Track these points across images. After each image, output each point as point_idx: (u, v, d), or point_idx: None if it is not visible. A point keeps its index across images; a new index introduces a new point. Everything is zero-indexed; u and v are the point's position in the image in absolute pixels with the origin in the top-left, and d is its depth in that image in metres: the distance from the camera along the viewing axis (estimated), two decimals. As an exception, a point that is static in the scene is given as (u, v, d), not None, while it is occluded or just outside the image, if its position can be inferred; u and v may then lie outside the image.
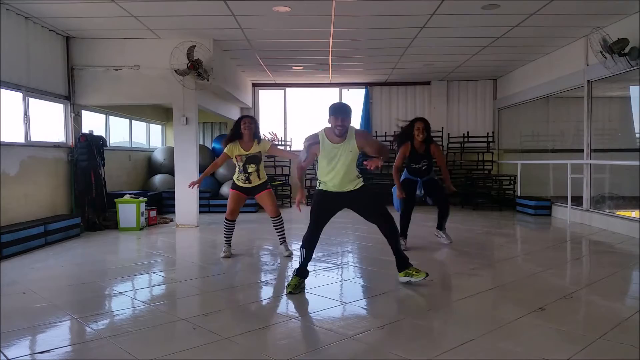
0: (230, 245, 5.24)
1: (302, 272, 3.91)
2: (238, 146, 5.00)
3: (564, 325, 3.03)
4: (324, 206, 3.91)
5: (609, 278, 4.24)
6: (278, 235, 5.21)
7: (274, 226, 5.19)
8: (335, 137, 3.79)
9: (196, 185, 5.24)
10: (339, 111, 3.74)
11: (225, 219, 5.20)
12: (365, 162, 3.80)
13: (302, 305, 3.62)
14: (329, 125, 3.81)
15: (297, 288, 3.83)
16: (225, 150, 5.02)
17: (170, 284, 4.30)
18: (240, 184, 5.08)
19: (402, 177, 5.47)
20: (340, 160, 3.79)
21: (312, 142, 3.85)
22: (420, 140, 5.28)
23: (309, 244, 3.89)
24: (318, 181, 3.97)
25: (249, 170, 5.01)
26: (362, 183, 3.94)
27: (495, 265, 4.93)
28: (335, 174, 3.82)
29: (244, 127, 4.97)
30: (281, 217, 5.16)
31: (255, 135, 5.06)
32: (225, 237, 5.24)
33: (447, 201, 5.68)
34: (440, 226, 5.75)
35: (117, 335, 2.93)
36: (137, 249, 5.94)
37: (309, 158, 3.93)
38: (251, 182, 5.06)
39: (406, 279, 3.95)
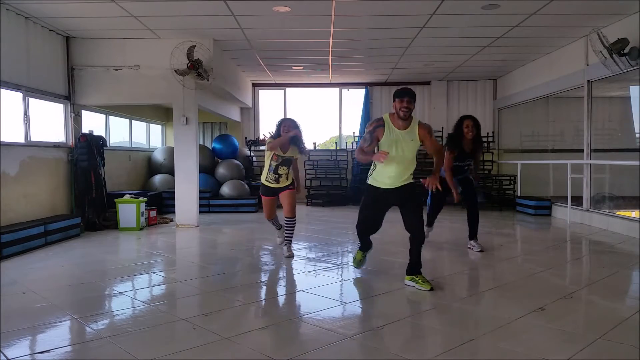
0: (279, 228, 5.50)
1: (364, 247, 4.37)
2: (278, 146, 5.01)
3: (564, 325, 3.03)
4: (378, 205, 4.03)
5: (609, 278, 4.24)
6: (285, 235, 5.22)
7: (286, 225, 5.18)
8: (399, 122, 3.75)
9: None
10: (405, 93, 3.70)
11: (266, 219, 5.42)
12: (422, 180, 3.86)
13: (302, 305, 3.63)
14: (392, 111, 3.78)
15: (361, 263, 4.40)
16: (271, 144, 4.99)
17: (170, 284, 4.30)
18: (268, 184, 5.11)
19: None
20: (402, 147, 3.76)
21: (377, 125, 3.81)
22: (470, 138, 5.12)
23: (365, 235, 4.27)
24: (370, 174, 3.96)
25: (279, 172, 5.03)
26: (412, 180, 3.94)
27: (495, 265, 4.93)
28: (397, 164, 3.79)
29: (284, 130, 4.97)
30: (295, 220, 5.16)
31: (294, 139, 5.01)
32: (275, 226, 5.53)
33: (477, 204, 5.49)
34: (473, 235, 5.46)
35: (117, 335, 2.93)
36: (137, 249, 5.94)
37: (373, 142, 3.82)
38: (279, 183, 5.07)
39: (411, 283, 3.93)
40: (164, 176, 9.62)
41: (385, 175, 3.86)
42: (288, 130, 4.94)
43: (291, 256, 5.13)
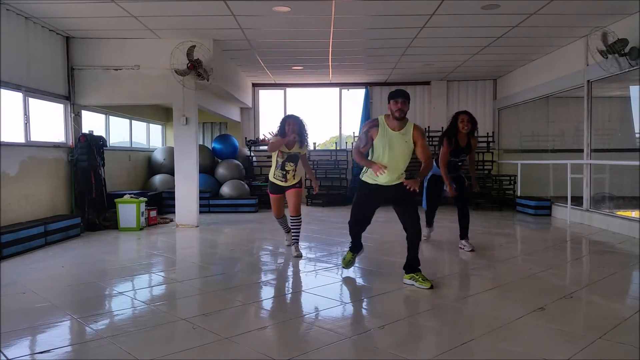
0: (288, 231, 5.43)
1: (354, 248, 4.40)
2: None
3: (564, 325, 3.03)
4: (369, 200, 4.10)
5: (609, 278, 4.24)
6: (292, 235, 5.21)
7: (291, 225, 5.19)
8: (394, 123, 3.85)
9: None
10: (399, 94, 3.82)
11: (275, 217, 5.38)
12: (405, 182, 3.80)
13: (302, 305, 3.63)
14: (388, 112, 3.90)
15: (350, 263, 4.42)
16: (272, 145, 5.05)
17: (170, 284, 4.30)
18: (276, 182, 5.09)
19: (430, 173, 5.42)
20: (396, 148, 3.85)
21: (372, 125, 3.94)
22: (465, 132, 5.23)
23: (355, 232, 4.30)
24: (364, 170, 4.05)
25: (286, 168, 5.03)
26: (404, 179, 3.98)
27: (495, 265, 4.92)
28: (389, 162, 3.85)
29: (289, 129, 4.98)
30: (300, 218, 5.16)
31: (299, 136, 5.03)
32: (283, 229, 5.52)
33: (468, 203, 5.53)
34: (464, 234, 5.46)
35: (117, 335, 2.93)
36: (137, 249, 5.94)
37: (368, 143, 3.93)
38: (287, 180, 5.06)
39: (410, 281, 3.96)
40: (164, 176, 9.62)
41: (380, 176, 3.93)
42: (293, 130, 4.95)
43: (299, 256, 5.07)
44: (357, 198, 4.15)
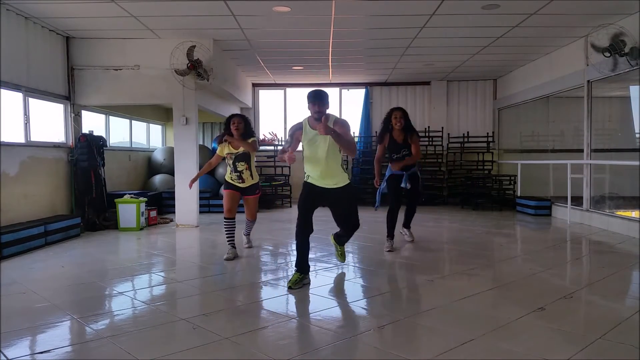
0: (234, 247, 5.18)
1: (300, 267, 4.01)
2: (228, 145, 5.12)
3: (564, 325, 3.03)
4: (309, 197, 4.08)
5: (609, 278, 4.24)
6: (246, 229, 5.62)
7: (247, 225, 5.59)
8: (315, 122, 3.93)
9: (194, 183, 5.41)
10: (316, 97, 3.91)
11: (224, 218, 5.20)
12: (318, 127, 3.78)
13: (302, 305, 3.62)
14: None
15: (297, 283, 3.93)
16: (217, 152, 5.21)
17: (170, 284, 4.30)
18: (234, 183, 5.17)
19: (388, 174, 5.53)
20: (320, 145, 3.93)
21: (296, 128, 4.07)
22: (398, 128, 5.38)
23: (300, 235, 4.02)
24: (305, 174, 4.12)
25: (239, 169, 5.10)
26: (348, 182, 4.12)
27: (495, 265, 4.93)
28: (318, 161, 3.96)
29: (234, 128, 5.06)
30: (254, 222, 5.60)
31: (246, 134, 5.13)
32: (227, 237, 5.19)
33: (417, 202, 5.76)
34: (407, 224, 5.93)
35: (117, 335, 2.93)
36: (137, 249, 5.94)
37: (294, 144, 4.04)
38: (244, 180, 5.14)
39: (333, 244, 4.64)
40: (164, 176, 9.62)
41: (316, 175, 4.02)
42: (238, 128, 5.04)
43: (250, 247, 5.62)
44: (300, 196, 4.12)
